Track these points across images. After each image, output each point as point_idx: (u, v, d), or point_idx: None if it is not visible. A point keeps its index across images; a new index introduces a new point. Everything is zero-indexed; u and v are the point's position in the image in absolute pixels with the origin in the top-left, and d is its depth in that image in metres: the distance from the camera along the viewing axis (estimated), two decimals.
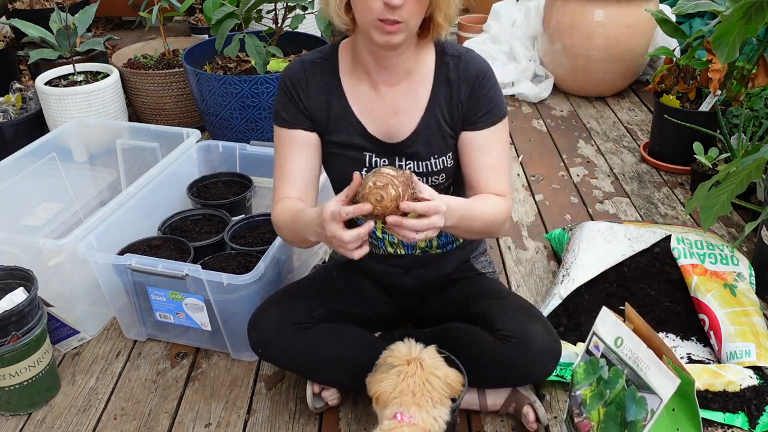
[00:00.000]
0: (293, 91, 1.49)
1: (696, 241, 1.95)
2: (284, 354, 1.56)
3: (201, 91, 2.65)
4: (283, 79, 1.51)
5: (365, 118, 1.48)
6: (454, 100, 1.46)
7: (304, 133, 1.50)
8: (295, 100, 1.49)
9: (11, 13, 3.78)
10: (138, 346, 1.92)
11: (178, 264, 1.71)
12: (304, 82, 1.48)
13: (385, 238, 1.60)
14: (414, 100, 1.47)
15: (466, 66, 1.46)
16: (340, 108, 1.48)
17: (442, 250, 1.64)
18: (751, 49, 2.55)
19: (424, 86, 1.47)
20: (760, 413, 1.59)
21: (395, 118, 1.48)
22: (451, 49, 1.48)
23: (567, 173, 2.79)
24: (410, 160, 1.49)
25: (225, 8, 2.61)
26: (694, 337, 1.84)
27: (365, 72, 1.46)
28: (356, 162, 1.50)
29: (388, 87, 1.46)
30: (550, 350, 1.50)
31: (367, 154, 1.50)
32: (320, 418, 1.67)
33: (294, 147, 1.50)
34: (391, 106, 1.47)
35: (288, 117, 1.49)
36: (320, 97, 1.48)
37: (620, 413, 1.27)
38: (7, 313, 1.58)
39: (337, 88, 1.48)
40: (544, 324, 1.52)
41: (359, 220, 1.38)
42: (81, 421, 1.68)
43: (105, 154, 2.53)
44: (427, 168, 1.49)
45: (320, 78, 1.49)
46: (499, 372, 1.51)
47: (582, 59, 3.32)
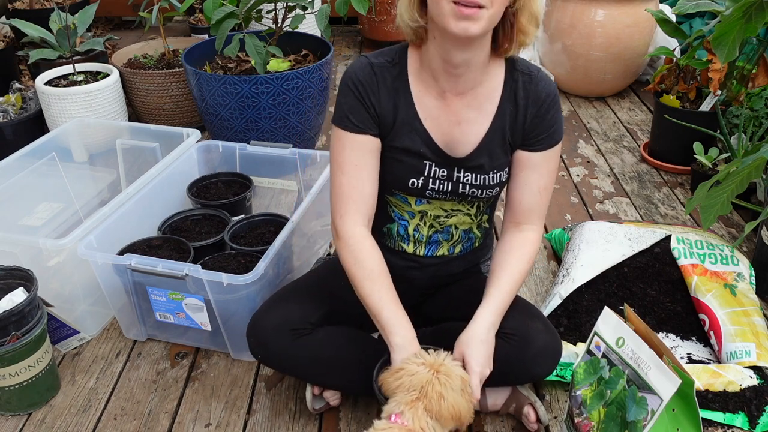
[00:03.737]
0: (365, 95, 1.43)
1: (696, 241, 1.95)
2: (283, 359, 1.56)
3: (201, 91, 2.65)
4: (351, 82, 1.43)
5: (430, 125, 1.45)
6: (519, 119, 1.44)
7: (372, 139, 1.44)
8: (367, 104, 1.43)
9: (11, 13, 3.78)
10: (138, 346, 1.92)
11: (178, 264, 1.71)
12: (375, 86, 1.43)
13: (415, 236, 1.59)
14: (479, 113, 1.44)
15: (536, 87, 1.43)
16: (407, 113, 1.45)
17: (458, 255, 1.64)
18: (751, 49, 2.55)
19: (490, 100, 1.44)
20: (760, 413, 1.58)
21: (458, 127, 1.44)
22: (522, 66, 1.44)
23: (567, 173, 2.79)
24: (470, 172, 1.47)
25: (225, 8, 2.61)
26: (694, 337, 1.84)
27: (433, 79, 1.42)
28: (415, 170, 1.47)
29: (454, 96, 1.43)
30: (550, 349, 1.50)
31: (427, 163, 1.46)
32: (320, 419, 1.67)
33: (364, 151, 1.44)
34: (455, 115, 1.44)
35: (358, 122, 1.43)
36: (389, 101, 1.44)
37: (621, 413, 1.27)
38: (7, 313, 1.58)
39: (405, 93, 1.45)
40: (544, 323, 1.52)
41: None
42: (81, 421, 1.68)
43: (105, 154, 2.53)
44: (485, 181, 1.48)
45: (390, 82, 1.44)
46: (498, 370, 1.49)
47: (582, 59, 3.32)
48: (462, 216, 1.56)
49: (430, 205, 1.53)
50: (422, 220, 1.56)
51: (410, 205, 1.54)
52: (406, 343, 1.38)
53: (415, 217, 1.55)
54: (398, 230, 1.59)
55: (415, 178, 1.47)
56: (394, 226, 1.59)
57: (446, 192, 1.49)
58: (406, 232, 1.58)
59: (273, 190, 2.38)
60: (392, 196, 1.55)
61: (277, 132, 2.67)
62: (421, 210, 1.54)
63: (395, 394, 1.31)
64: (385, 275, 1.45)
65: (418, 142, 1.45)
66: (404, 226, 1.57)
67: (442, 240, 1.58)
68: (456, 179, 1.47)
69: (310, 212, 2.04)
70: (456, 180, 1.47)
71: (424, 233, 1.57)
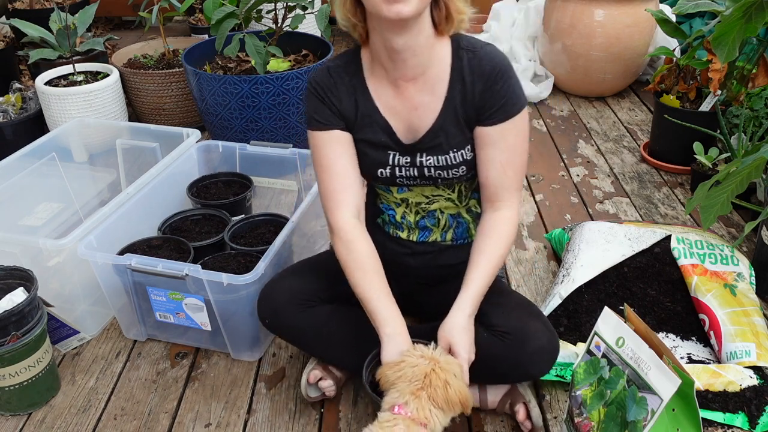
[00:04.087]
0: (324, 96, 1.50)
1: (696, 241, 1.95)
2: (290, 328, 1.61)
3: (201, 91, 2.65)
4: (312, 87, 1.52)
5: (389, 116, 1.51)
6: (468, 96, 1.46)
7: (341, 133, 1.51)
8: (329, 104, 1.50)
9: (11, 13, 3.78)
10: (138, 346, 1.92)
11: (178, 264, 1.71)
12: (334, 87, 1.50)
13: (404, 222, 1.64)
14: (431, 96, 1.48)
15: (480, 62, 1.44)
16: (366, 107, 1.51)
17: (453, 243, 1.66)
18: (751, 49, 2.55)
19: (441, 81, 1.46)
20: (760, 413, 1.58)
21: (414, 113, 1.49)
22: (466, 44, 1.46)
23: (567, 173, 2.79)
24: (430, 155, 1.50)
25: (225, 8, 2.61)
26: (694, 337, 1.84)
27: (384, 70, 1.47)
28: (380, 160, 1.53)
29: (406, 82, 1.47)
30: (548, 349, 1.50)
31: (390, 153, 1.52)
32: (320, 418, 1.67)
33: (337, 145, 1.51)
34: (410, 102, 1.49)
35: (324, 120, 1.50)
36: (349, 99, 1.51)
37: (621, 413, 1.27)
38: (7, 313, 1.58)
39: (363, 88, 1.50)
40: (542, 322, 1.52)
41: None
42: (81, 421, 1.68)
43: (105, 154, 2.53)
44: (447, 161, 1.50)
45: (347, 80, 1.51)
46: (494, 368, 1.51)
47: (582, 59, 3.32)
48: (444, 201, 1.59)
49: (411, 192, 1.59)
50: (407, 208, 1.61)
51: (393, 194, 1.60)
52: (396, 334, 1.40)
53: (400, 206, 1.62)
54: (389, 219, 1.65)
55: (382, 168, 1.53)
56: (384, 216, 1.66)
57: (414, 177, 1.54)
58: (395, 220, 1.64)
59: (273, 190, 2.38)
60: (378, 186, 1.62)
61: (277, 132, 2.67)
62: (402, 198, 1.60)
63: (395, 386, 1.31)
64: (377, 266, 1.48)
65: (379, 133, 1.51)
66: (392, 215, 1.64)
67: (430, 225, 1.63)
68: (419, 164, 1.51)
69: (310, 212, 2.04)
70: (420, 165, 1.51)
71: (411, 220, 1.62)
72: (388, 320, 1.42)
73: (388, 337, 1.40)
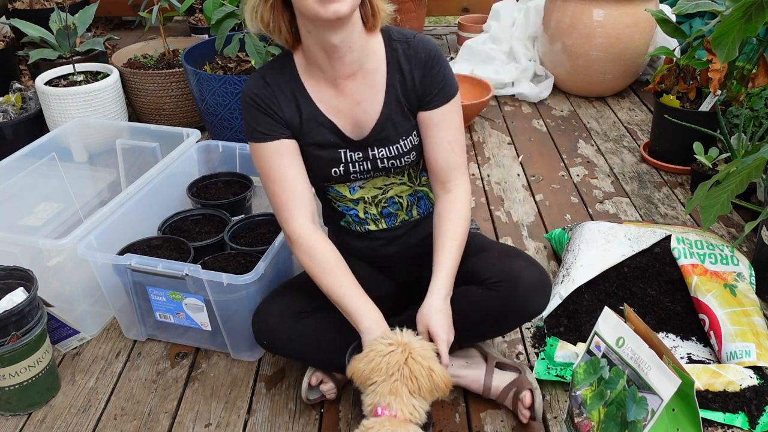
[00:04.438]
0: (265, 106, 1.50)
1: (696, 241, 1.95)
2: (286, 342, 1.60)
3: (201, 91, 2.65)
4: (249, 98, 1.50)
5: (333, 116, 1.53)
6: (408, 83, 1.51)
7: (286, 142, 1.52)
8: (270, 113, 1.50)
9: (11, 13, 3.78)
10: (138, 346, 1.92)
11: (178, 264, 1.71)
12: (273, 95, 1.50)
13: (368, 217, 1.65)
14: (372, 89, 1.51)
15: (415, 51, 1.50)
16: (309, 110, 1.52)
17: (420, 216, 1.69)
18: (751, 49, 2.55)
19: (378, 73, 1.51)
20: (760, 413, 1.58)
21: (358, 107, 1.52)
22: (397, 35, 1.52)
23: (567, 173, 2.79)
24: (381, 147, 1.54)
25: (225, 8, 2.61)
26: (694, 337, 1.84)
27: (321, 71, 1.49)
28: (333, 159, 1.55)
29: (345, 80, 1.50)
30: (537, 283, 1.52)
31: (341, 151, 1.54)
32: (320, 419, 1.67)
33: (284, 156, 1.51)
34: (352, 98, 1.52)
35: (267, 130, 1.50)
36: (290, 105, 1.51)
37: (621, 413, 1.27)
38: (7, 313, 1.58)
39: (302, 93, 1.52)
40: (526, 260, 1.56)
41: None
42: (81, 421, 1.68)
43: (105, 154, 2.53)
44: (398, 150, 1.55)
45: (284, 87, 1.51)
46: (495, 320, 1.54)
47: (582, 59, 3.32)
48: (397, 186, 1.63)
49: (364, 189, 1.61)
50: (366, 204, 1.63)
51: (346, 196, 1.62)
52: (374, 326, 1.42)
53: (358, 204, 1.63)
54: (353, 219, 1.67)
55: (336, 167, 1.55)
56: (347, 218, 1.67)
57: (368, 171, 1.57)
58: (359, 217, 1.66)
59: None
60: (329, 192, 1.63)
61: None
62: (358, 197, 1.62)
63: (371, 381, 1.29)
64: (342, 265, 1.49)
65: (326, 134, 1.53)
66: (354, 213, 1.65)
67: (393, 211, 1.65)
68: (372, 157, 1.55)
69: None
70: (372, 158, 1.55)
71: (374, 212, 1.64)
72: (364, 314, 1.43)
73: (368, 330, 1.41)
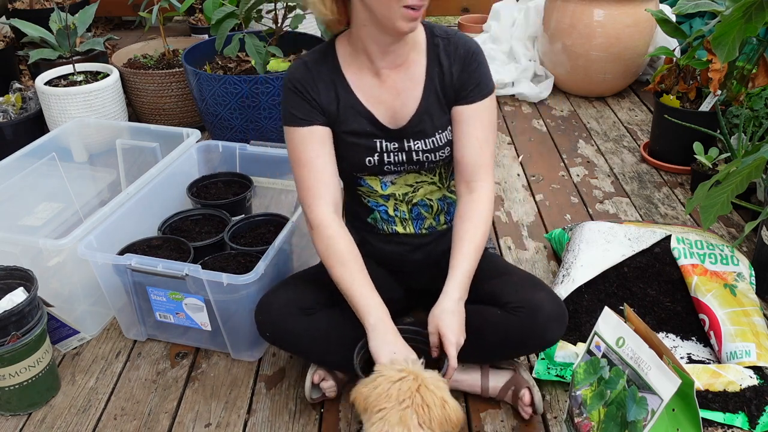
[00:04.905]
0: (304, 91, 1.53)
1: (696, 241, 1.95)
2: (289, 337, 1.60)
3: (201, 91, 2.65)
4: (290, 82, 1.54)
5: (372, 105, 1.55)
6: (447, 78, 1.54)
7: (321, 128, 1.54)
8: (308, 98, 1.53)
9: (11, 13, 3.78)
10: (138, 346, 1.92)
11: (178, 264, 1.71)
12: (312, 82, 1.53)
13: (397, 215, 1.66)
14: (412, 81, 1.55)
15: (455, 47, 1.54)
16: (347, 99, 1.54)
17: (447, 226, 1.70)
18: (751, 49, 2.55)
19: (419, 66, 1.55)
20: (760, 413, 1.58)
21: (398, 99, 1.55)
22: (439, 31, 1.56)
23: (567, 173, 2.79)
24: (417, 139, 1.56)
25: (225, 8, 2.61)
26: (694, 337, 1.84)
27: (369, 61, 1.52)
28: (368, 149, 1.56)
29: (389, 71, 1.53)
30: (557, 315, 1.54)
31: (377, 141, 1.56)
32: (320, 418, 1.67)
33: (316, 142, 1.54)
34: (393, 89, 1.55)
35: (303, 115, 1.53)
36: (329, 93, 1.54)
37: (621, 413, 1.27)
38: (7, 313, 1.58)
39: (342, 81, 1.54)
40: (548, 292, 1.58)
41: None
42: (81, 421, 1.68)
43: (105, 154, 2.53)
44: (434, 144, 1.57)
45: (325, 74, 1.54)
46: (512, 343, 1.57)
47: (582, 59, 3.32)
48: (428, 186, 1.65)
49: (395, 185, 1.62)
50: (396, 201, 1.64)
51: (377, 191, 1.63)
52: (379, 323, 1.42)
53: (389, 200, 1.64)
54: (381, 216, 1.67)
55: (370, 156, 1.56)
56: (375, 214, 1.67)
57: (402, 163, 1.58)
58: (388, 215, 1.66)
59: (273, 190, 2.38)
60: (360, 186, 1.64)
61: (277, 132, 2.67)
62: (389, 193, 1.63)
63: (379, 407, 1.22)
64: (357, 258, 1.51)
65: (364, 123, 1.55)
66: (384, 210, 1.66)
67: (423, 212, 1.67)
68: (408, 148, 1.57)
69: None
70: (408, 149, 1.57)
71: (405, 209, 1.65)
72: (371, 310, 1.44)
73: (373, 327, 1.42)
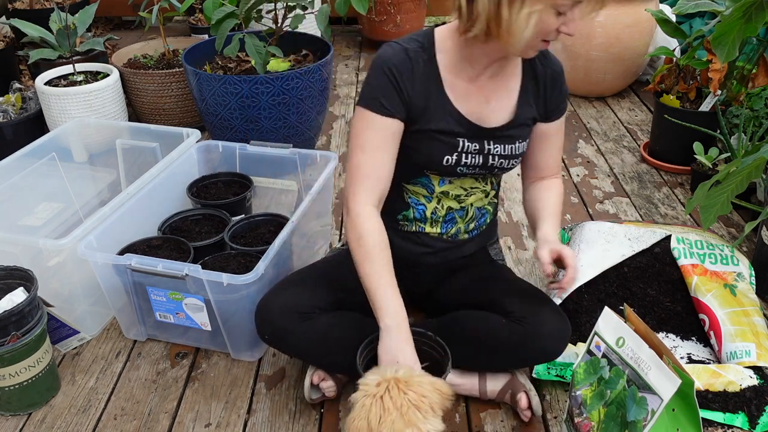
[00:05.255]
0: (399, 79, 1.46)
1: (696, 241, 1.95)
2: (289, 341, 1.60)
3: (201, 91, 2.65)
4: (386, 65, 1.46)
5: (461, 105, 1.52)
6: (541, 94, 1.58)
7: (398, 123, 1.49)
8: (400, 88, 1.46)
9: (11, 13, 3.78)
10: (138, 346, 1.92)
11: (178, 264, 1.71)
12: (410, 72, 1.46)
13: (432, 217, 1.65)
14: (506, 90, 1.55)
15: (550, 62, 1.58)
16: (439, 97, 1.50)
17: (468, 236, 1.71)
18: (751, 49, 2.55)
19: (515, 78, 1.56)
20: (760, 413, 1.58)
21: (487, 105, 1.54)
22: None
23: (567, 173, 2.79)
24: (499, 143, 1.56)
25: (225, 8, 2.61)
26: (694, 337, 1.84)
27: (470, 67, 1.50)
28: (449, 147, 1.53)
29: (487, 79, 1.53)
30: (560, 330, 1.56)
31: (460, 139, 1.53)
32: (320, 418, 1.67)
33: (389, 135, 1.48)
34: (485, 95, 1.54)
35: (389, 105, 1.46)
36: (422, 86, 1.49)
37: (621, 413, 1.27)
38: (7, 313, 1.58)
39: (436, 77, 1.49)
40: (553, 307, 1.59)
41: None
42: (81, 421, 1.68)
43: (105, 154, 2.53)
44: (512, 151, 1.58)
45: (422, 67, 1.48)
46: (512, 353, 1.57)
47: (582, 59, 3.32)
48: (479, 193, 1.67)
49: (452, 185, 1.61)
50: (439, 203, 1.63)
51: (434, 187, 1.61)
52: (394, 326, 1.40)
53: (432, 201, 1.63)
54: (414, 215, 1.66)
55: (449, 155, 1.54)
56: (409, 212, 1.66)
57: (477, 165, 1.57)
58: (423, 215, 1.65)
59: (273, 190, 2.38)
60: (410, 183, 1.62)
61: (277, 132, 2.67)
62: (443, 191, 1.62)
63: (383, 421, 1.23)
64: (386, 257, 1.46)
65: (452, 123, 1.52)
66: (421, 210, 1.65)
67: (457, 217, 1.66)
68: (487, 151, 1.56)
69: (310, 212, 2.04)
70: (486, 152, 1.56)
71: (441, 214, 1.65)
72: (389, 311, 1.41)
73: (387, 328, 1.40)
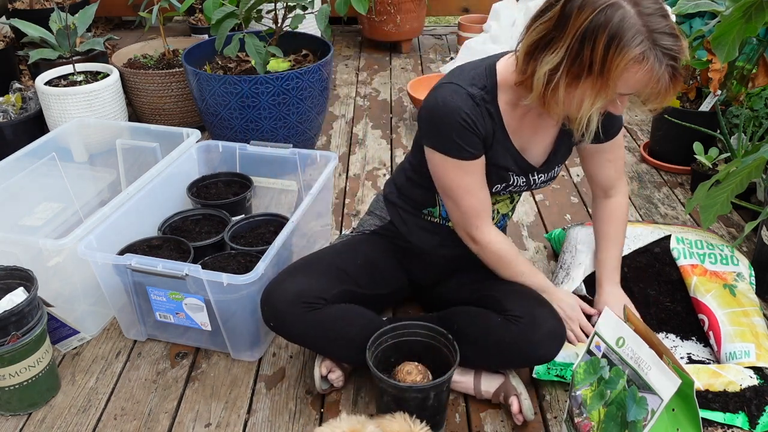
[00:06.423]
0: (474, 126, 1.51)
1: (696, 241, 1.95)
2: (294, 331, 1.62)
3: (201, 91, 2.65)
4: (461, 118, 1.50)
5: (516, 140, 1.59)
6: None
7: (483, 158, 1.58)
8: (477, 131, 1.52)
9: (11, 13, 3.78)
10: (138, 346, 1.92)
11: (178, 264, 1.71)
12: (480, 118, 1.52)
13: None
14: (549, 120, 1.58)
15: None
16: (500, 135, 1.57)
17: None
18: (751, 49, 2.55)
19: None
20: (760, 413, 1.58)
21: (534, 137, 1.61)
22: None
23: (567, 173, 2.79)
24: (542, 173, 1.67)
25: (225, 8, 2.61)
26: (694, 337, 1.84)
27: (526, 109, 1.55)
28: (500, 180, 1.63)
29: (534, 114, 1.57)
30: (556, 332, 1.57)
31: (511, 174, 1.63)
32: (320, 418, 1.67)
33: (479, 171, 1.58)
34: (532, 128, 1.60)
35: (474, 149, 1.54)
36: (490, 128, 1.55)
37: (621, 413, 1.27)
38: (7, 313, 1.58)
39: (498, 116, 1.55)
40: (550, 309, 1.61)
41: None
42: (81, 421, 1.68)
43: (105, 154, 2.53)
44: (552, 175, 1.70)
45: (486, 108, 1.54)
46: (505, 352, 1.58)
47: None
48: (506, 201, 1.76)
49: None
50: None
51: None
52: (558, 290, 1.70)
53: None
54: (441, 212, 1.73)
55: (499, 184, 1.64)
56: (436, 209, 1.73)
57: (520, 186, 1.68)
58: (448, 216, 1.69)
59: (273, 190, 2.38)
60: None
61: (277, 132, 2.67)
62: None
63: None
64: (519, 257, 1.68)
65: (510, 161, 1.61)
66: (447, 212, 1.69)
67: None
68: (531, 180, 1.67)
69: (310, 212, 2.04)
70: (531, 181, 1.68)
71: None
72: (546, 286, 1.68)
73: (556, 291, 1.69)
